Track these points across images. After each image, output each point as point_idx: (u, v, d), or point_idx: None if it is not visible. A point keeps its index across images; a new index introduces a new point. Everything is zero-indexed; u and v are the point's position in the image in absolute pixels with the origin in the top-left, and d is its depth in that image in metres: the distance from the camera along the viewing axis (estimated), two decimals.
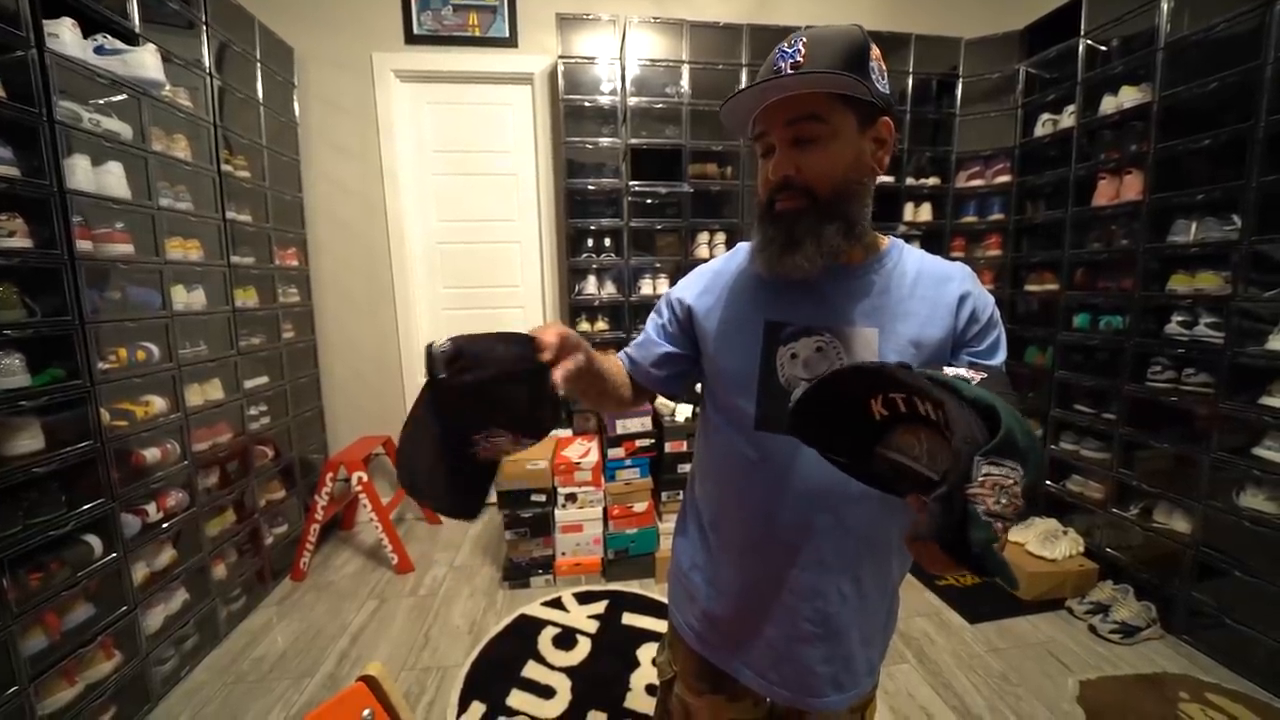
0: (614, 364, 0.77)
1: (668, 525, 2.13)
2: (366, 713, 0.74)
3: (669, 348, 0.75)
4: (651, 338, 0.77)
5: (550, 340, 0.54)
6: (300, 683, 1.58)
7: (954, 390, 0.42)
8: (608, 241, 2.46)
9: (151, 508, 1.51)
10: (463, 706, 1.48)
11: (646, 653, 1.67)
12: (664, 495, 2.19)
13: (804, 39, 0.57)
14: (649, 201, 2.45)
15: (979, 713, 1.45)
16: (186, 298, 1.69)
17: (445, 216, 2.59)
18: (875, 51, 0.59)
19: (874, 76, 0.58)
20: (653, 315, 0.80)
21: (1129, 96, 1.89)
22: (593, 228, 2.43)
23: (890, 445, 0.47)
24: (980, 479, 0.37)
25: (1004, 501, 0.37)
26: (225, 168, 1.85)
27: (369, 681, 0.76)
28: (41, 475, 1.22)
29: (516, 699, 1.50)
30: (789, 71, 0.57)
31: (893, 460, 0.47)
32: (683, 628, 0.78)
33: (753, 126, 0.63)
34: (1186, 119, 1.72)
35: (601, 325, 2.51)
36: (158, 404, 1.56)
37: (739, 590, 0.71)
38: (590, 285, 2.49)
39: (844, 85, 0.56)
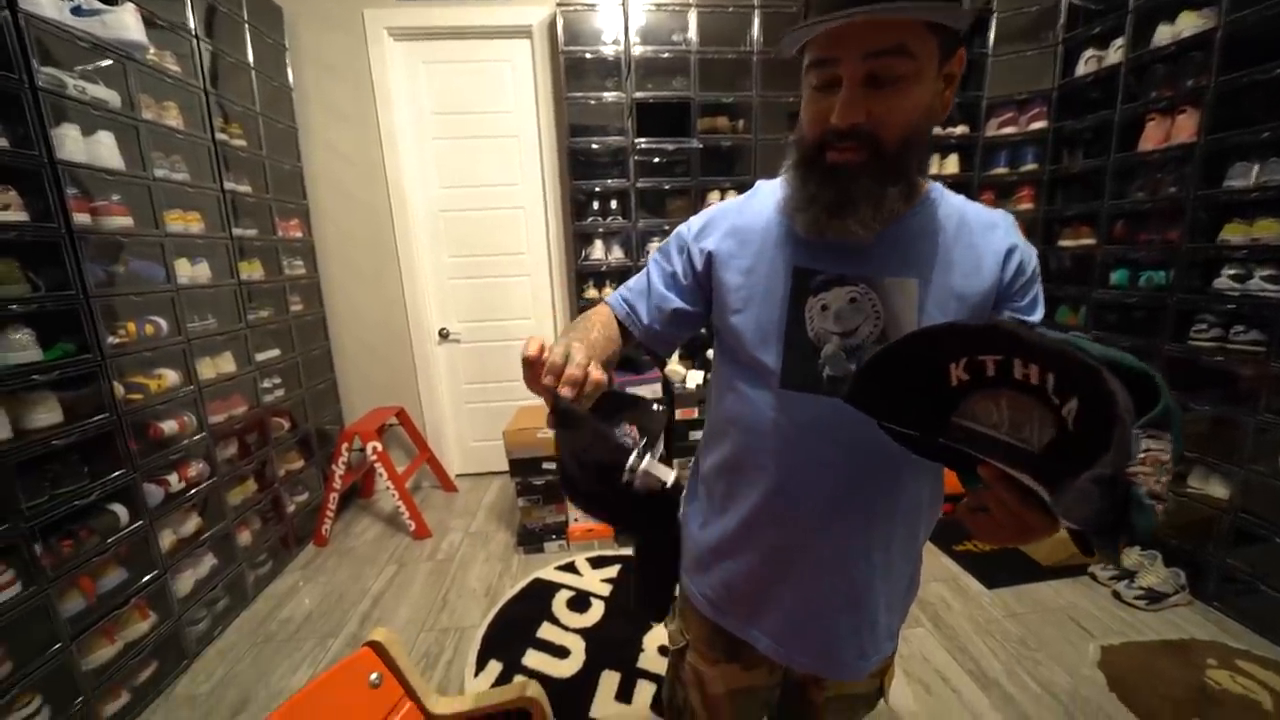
0: (605, 332, 0.67)
1: None
2: (374, 676, 0.75)
3: (679, 303, 0.67)
4: (659, 289, 0.68)
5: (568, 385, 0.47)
6: (325, 642, 1.65)
7: (1086, 352, 0.35)
8: (614, 204, 2.37)
9: (173, 478, 1.55)
10: (480, 665, 1.52)
11: None
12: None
13: None
14: (656, 160, 2.34)
15: (995, 677, 1.44)
16: (191, 271, 1.68)
17: (447, 183, 2.52)
18: None
19: None
20: (657, 260, 0.70)
21: (1188, 24, 1.69)
22: (598, 189, 2.34)
23: (965, 413, 0.42)
24: (1141, 455, 0.32)
25: (1163, 480, 0.32)
26: (220, 136, 1.80)
27: (375, 647, 0.76)
28: (61, 448, 1.25)
29: (532, 658, 1.54)
30: None
31: (969, 429, 0.42)
32: (695, 596, 0.75)
33: (808, 50, 0.52)
34: (1255, 46, 1.53)
35: (609, 292, 2.45)
36: (170, 377, 1.57)
37: (757, 558, 0.67)
38: (597, 250, 2.42)
39: (959, 15, 0.47)
